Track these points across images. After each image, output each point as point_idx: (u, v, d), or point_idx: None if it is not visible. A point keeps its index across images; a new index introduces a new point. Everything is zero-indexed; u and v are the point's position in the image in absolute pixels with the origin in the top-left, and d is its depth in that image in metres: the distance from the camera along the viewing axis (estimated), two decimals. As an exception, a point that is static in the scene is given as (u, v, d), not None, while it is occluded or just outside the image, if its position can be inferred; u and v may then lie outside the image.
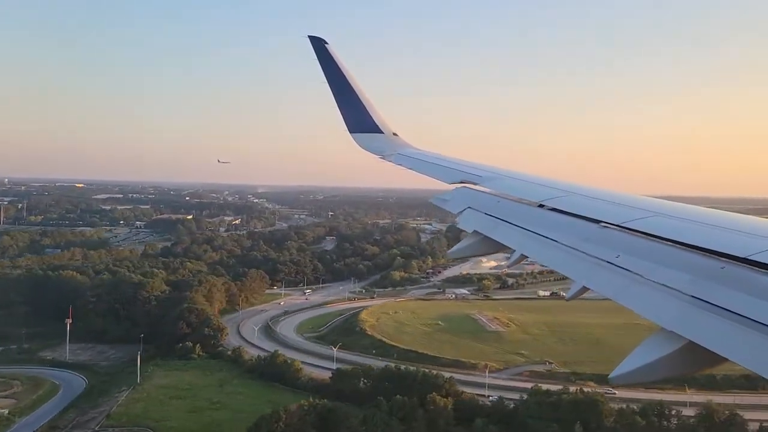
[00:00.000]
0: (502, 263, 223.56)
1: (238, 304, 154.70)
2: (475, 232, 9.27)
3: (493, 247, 8.90)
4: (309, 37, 17.32)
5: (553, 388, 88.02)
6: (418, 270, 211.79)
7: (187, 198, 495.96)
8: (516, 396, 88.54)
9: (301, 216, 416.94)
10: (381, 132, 17.54)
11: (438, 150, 16.41)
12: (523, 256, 7.94)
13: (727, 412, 75.76)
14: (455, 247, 9.92)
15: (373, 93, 18.09)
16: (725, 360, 4.42)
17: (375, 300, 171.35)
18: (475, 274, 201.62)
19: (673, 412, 79.12)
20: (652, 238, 6.45)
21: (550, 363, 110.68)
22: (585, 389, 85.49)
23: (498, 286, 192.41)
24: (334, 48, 17.42)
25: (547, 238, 7.74)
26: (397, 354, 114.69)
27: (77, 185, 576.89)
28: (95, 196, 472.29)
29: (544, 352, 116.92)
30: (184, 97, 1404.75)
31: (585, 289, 6.45)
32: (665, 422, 76.81)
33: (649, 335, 5.11)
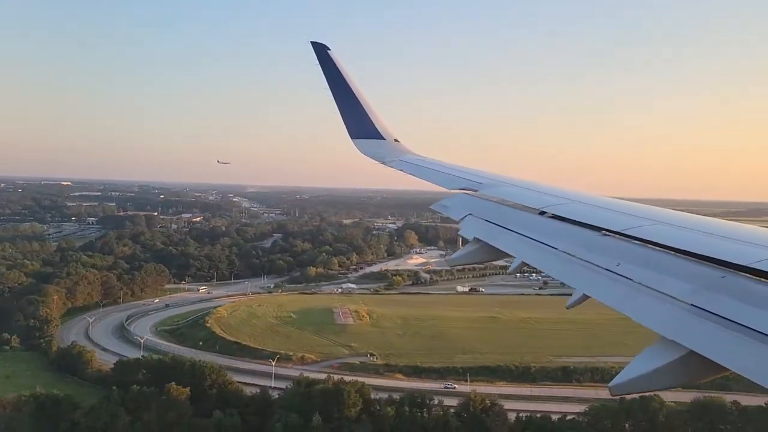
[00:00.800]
0: (433, 260, 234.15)
1: (120, 298, 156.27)
2: (476, 239, 9.26)
3: (493, 254, 8.88)
4: (312, 43, 17.39)
5: (348, 378, 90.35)
6: (339, 266, 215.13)
7: (162, 197, 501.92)
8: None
9: (271, 215, 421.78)
10: (382, 138, 17.57)
11: (439, 156, 16.45)
12: (524, 264, 7.93)
13: (488, 401, 77.80)
14: (456, 254, 9.89)
15: (374, 98, 18.18)
16: (726, 370, 4.40)
17: (274, 295, 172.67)
18: (394, 270, 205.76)
19: (435, 402, 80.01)
20: (652, 246, 6.43)
21: (372, 355, 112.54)
22: (348, 379, 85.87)
23: (410, 282, 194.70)
24: (336, 54, 17.49)
25: (547, 245, 7.73)
26: (219, 346, 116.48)
27: (63, 183, 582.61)
28: (72, 194, 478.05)
29: (377, 345, 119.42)
30: (187, 100, 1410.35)
31: (586, 297, 6.42)
32: (421, 412, 76.89)
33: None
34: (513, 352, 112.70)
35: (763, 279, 4.93)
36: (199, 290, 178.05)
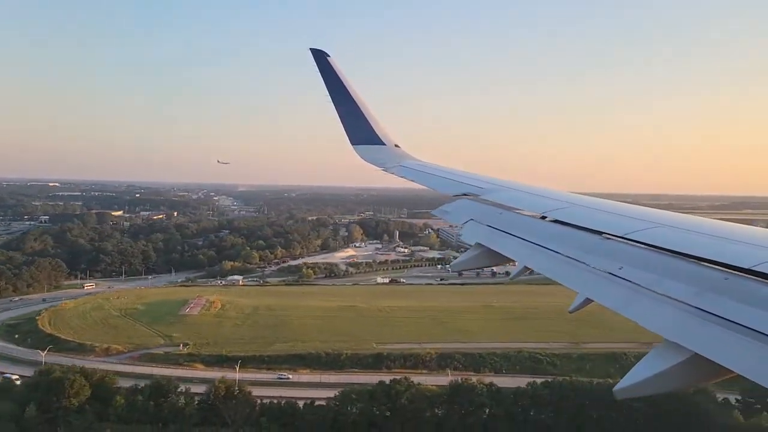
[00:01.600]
0: (364, 253, 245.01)
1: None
2: (478, 244, 9.26)
3: (495, 259, 8.88)
4: (311, 50, 17.47)
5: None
6: (261, 260, 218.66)
7: (137, 195, 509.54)
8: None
9: (242, 212, 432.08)
10: (383, 144, 17.60)
11: (439, 158, 16.49)
12: (527, 268, 7.93)
13: (235, 389, 77.48)
14: (458, 260, 9.89)
15: (373, 101, 18.28)
16: (731, 372, 4.39)
17: (146, 287, 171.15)
18: (312, 263, 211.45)
19: (182, 389, 79.40)
20: (655, 249, 6.43)
21: (186, 345, 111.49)
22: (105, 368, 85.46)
23: (324, 275, 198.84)
24: (335, 59, 17.56)
25: (549, 249, 7.73)
26: (37, 339, 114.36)
27: (50, 184, 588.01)
28: (53, 194, 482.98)
29: (203, 335, 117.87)
30: (188, 100, 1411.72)
31: (588, 300, 6.42)
32: (157, 401, 76.18)
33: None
34: (342, 339, 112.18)
35: (766, 281, 4.93)
36: (84, 286, 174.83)
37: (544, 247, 7.88)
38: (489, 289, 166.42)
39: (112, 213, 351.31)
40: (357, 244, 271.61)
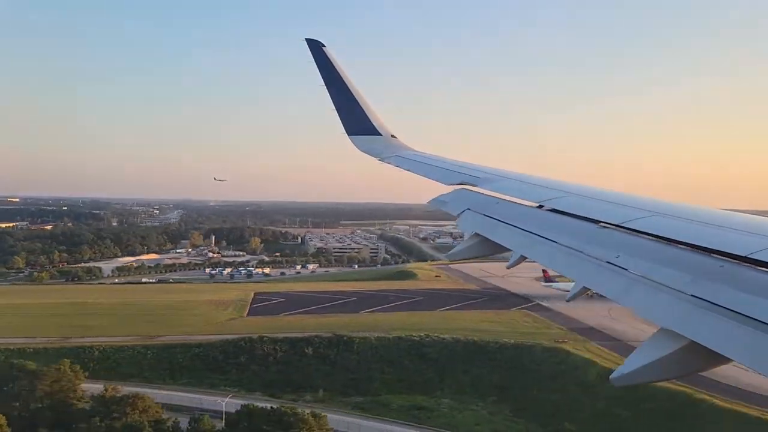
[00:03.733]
0: (167, 257, 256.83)
1: None
2: (475, 233, 9.27)
3: (492, 248, 8.89)
4: (306, 40, 17.36)
5: None
6: (26, 264, 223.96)
7: (65, 208, 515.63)
8: None
9: (154, 223, 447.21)
10: (379, 134, 17.55)
11: (437, 151, 16.43)
12: (523, 258, 7.94)
13: None
14: (455, 249, 9.89)
15: (370, 94, 18.17)
16: (728, 360, 4.41)
17: None
18: (86, 267, 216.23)
19: None
20: (651, 237, 6.45)
21: None
22: None
23: (66, 279, 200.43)
24: (331, 50, 17.46)
25: (546, 239, 7.74)
26: None
27: (11, 200, 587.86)
28: None
29: None
30: (180, 113, 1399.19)
31: (585, 289, 6.45)
32: None
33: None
34: None
35: (762, 268, 4.95)
36: None
37: (541, 237, 7.89)
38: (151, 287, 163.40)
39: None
40: (179, 250, 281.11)
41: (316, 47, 17.30)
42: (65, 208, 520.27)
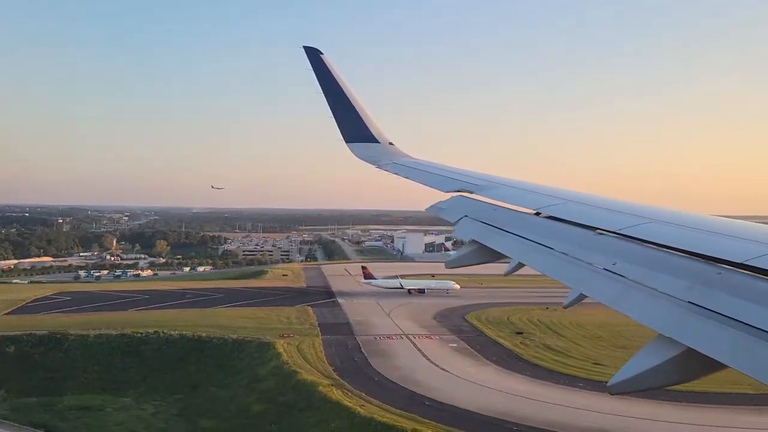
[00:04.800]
0: (72, 258, 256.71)
1: None
2: (472, 240, 9.28)
3: (490, 255, 8.90)
4: (304, 47, 17.44)
5: None
6: None
7: (26, 214, 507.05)
8: None
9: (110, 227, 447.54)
10: (377, 142, 17.60)
11: (434, 158, 16.48)
12: (521, 264, 7.95)
13: None
14: (453, 257, 9.91)
15: (367, 101, 18.22)
16: (724, 366, 4.41)
17: None
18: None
19: None
20: (648, 244, 6.46)
21: None
22: None
23: None
24: (329, 58, 17.54)
25: (543, 246, 7.76)
26: None
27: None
28: None
29: None
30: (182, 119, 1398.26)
31: (583, 296, 6.44)
32: None
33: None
34: None
35: (758, 275, 4.96)
36: None
37: (539, 244, 7.91)
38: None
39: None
40: (84, 254, 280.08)
41: (314, 55, 17.39)
42: (26, 213, 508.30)
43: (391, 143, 17.85)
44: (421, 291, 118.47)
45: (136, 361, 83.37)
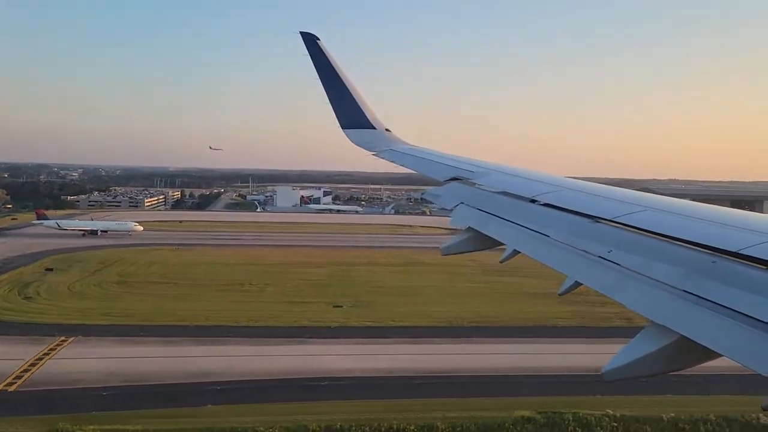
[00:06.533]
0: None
1: None
2: (469, 227, 9.27)
3: (486, 242, 8.89)
4: (301, 33, 17.30)
5: None
6: None
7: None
8: None
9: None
10: (373, 128, 17.54)
11: (430, 145, 16.42)
12: (516, 252, 7.94)
13: None
14: (448, 243, 9.88)
15: (364, 87, 18.14)
16: (718, 355, 4.42)
17: None
18: None
19: None
20: (644, 232, 6.45)
21: None
22: None
23: None
24: (325, 44, 17.40)
25: (539, 233, 7.75)
26: None
27: None
28: None
29: None
30: (183, 91, 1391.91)
31: (578, 284, 6.44)
32: None
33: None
34: None
35: (753, 264, 4.96)
36: None
37: (534, 231, 7.90)
38: None
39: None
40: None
41: (310, 41, 17.25)
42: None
43: (387, 129, 17.80)
44: (93, 232, 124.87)
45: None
